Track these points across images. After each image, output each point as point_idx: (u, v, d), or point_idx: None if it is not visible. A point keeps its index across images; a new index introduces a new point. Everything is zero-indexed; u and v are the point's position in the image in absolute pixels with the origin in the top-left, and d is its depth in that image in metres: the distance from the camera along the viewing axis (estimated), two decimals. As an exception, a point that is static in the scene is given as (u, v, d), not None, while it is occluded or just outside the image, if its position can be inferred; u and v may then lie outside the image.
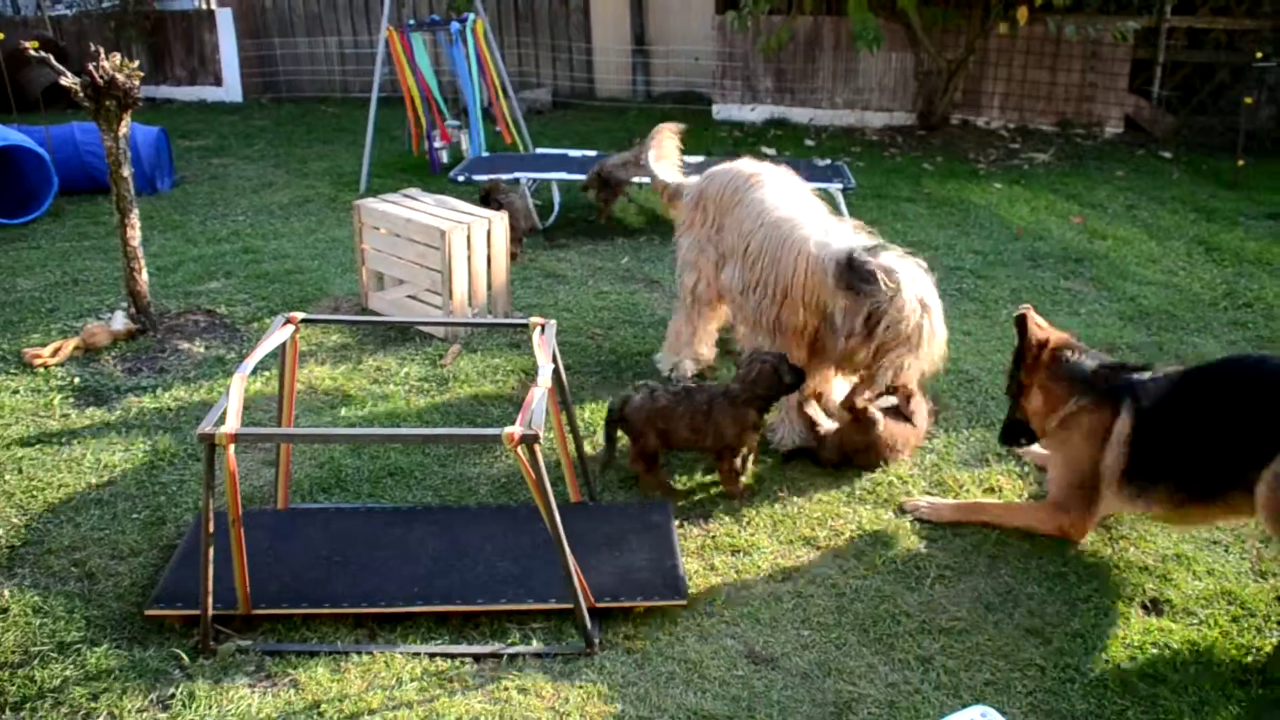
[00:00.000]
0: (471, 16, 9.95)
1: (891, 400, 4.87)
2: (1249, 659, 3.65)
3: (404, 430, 4.47)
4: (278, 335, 3.99)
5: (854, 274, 4.42)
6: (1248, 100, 10.79)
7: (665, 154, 6.19)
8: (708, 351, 5.78)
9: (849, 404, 4.73)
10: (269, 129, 12.47)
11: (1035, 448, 4.77)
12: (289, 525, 4.19)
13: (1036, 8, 10.52)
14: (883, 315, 4.38)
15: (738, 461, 4.58)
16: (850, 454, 4.78)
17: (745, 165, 5.36)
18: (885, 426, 4.73)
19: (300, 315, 4.15)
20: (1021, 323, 4.30)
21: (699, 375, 5.63)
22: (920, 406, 4.86)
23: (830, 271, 4.53)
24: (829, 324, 4.64)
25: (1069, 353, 4.24)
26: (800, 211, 4.93)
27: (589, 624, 3.61)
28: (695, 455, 4.84)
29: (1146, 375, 4.10)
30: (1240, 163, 10.52)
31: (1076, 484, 4.16)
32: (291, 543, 4.06)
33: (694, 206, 5.45)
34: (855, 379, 4.76)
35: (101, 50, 5.60)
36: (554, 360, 3.96)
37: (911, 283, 4.43)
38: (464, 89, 10.02)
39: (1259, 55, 11.16)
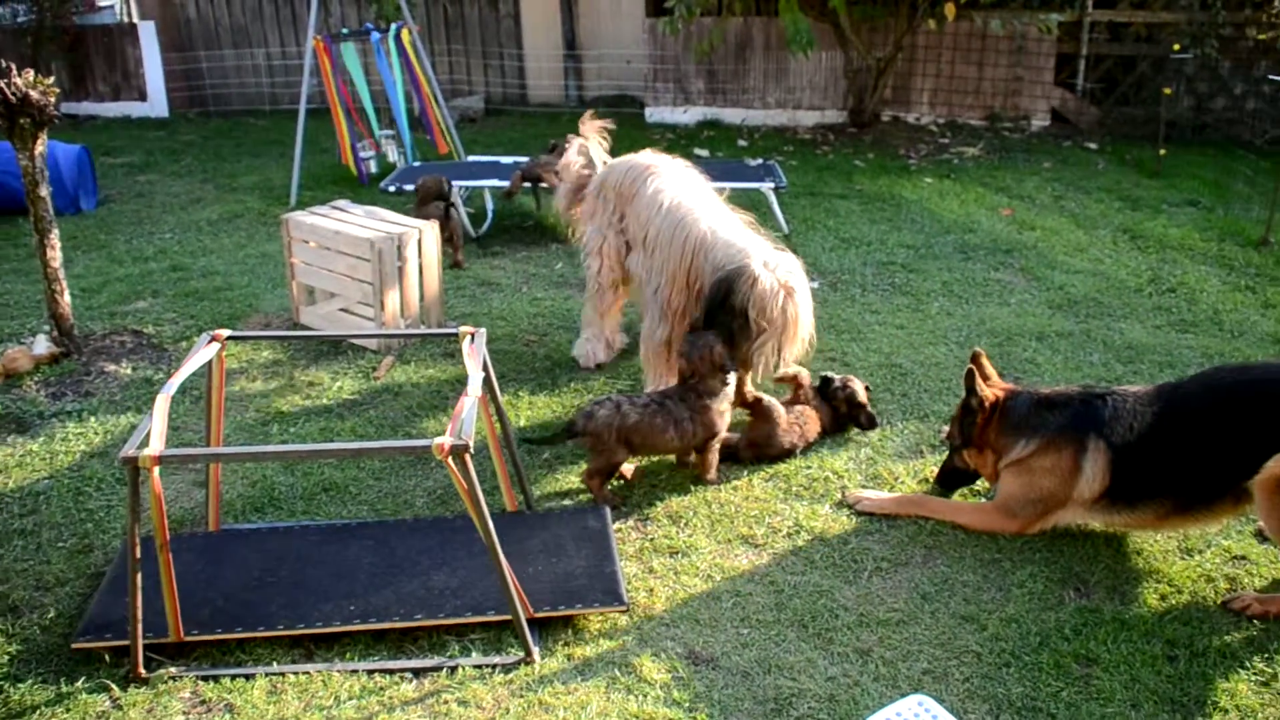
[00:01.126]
0: (395, 26, 9.88)
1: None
2: (1178, 635, 3.72)
3: (332, 445, 4.42)
4: (203, 354, 3.92)
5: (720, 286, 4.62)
6: (1167, 91, 11.02)
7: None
8: (615, 336, 5.97)
9: (740, 399, 4.83)
10: (196, 144, 12.29)
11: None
12: (221, 547, 4.13)
13: (962, 4, 10.66)
14: (748, 304, 4.53)
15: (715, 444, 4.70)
16: (762, 446, 4.84)
17: (644, 157, 5.51)
18: (783, 414, 4.85)
19: (226, 332, 4.09)
20: (970, 379, 4.34)
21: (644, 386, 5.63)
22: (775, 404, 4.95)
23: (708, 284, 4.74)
24: None
25: (1010, 401, 4.33)
26: (693, 201, 5.11)
27: (528, 634, 3.59)
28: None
29: (1099, 401, 4.17)
30: (1162, 152, 10.74)
31: (1033, 501, 4.22)
32: (224, 565, 4.00)
33: (596, 195, 5.61)
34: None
35: (14, 67, 5.48)
36: (485, 369, 3.94)
37: (774, 270, 4.59)
38: (390, 98, 9.92)
39: (1176, 48, 11.40)
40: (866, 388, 5.19)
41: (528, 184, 8.07)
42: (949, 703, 3.39)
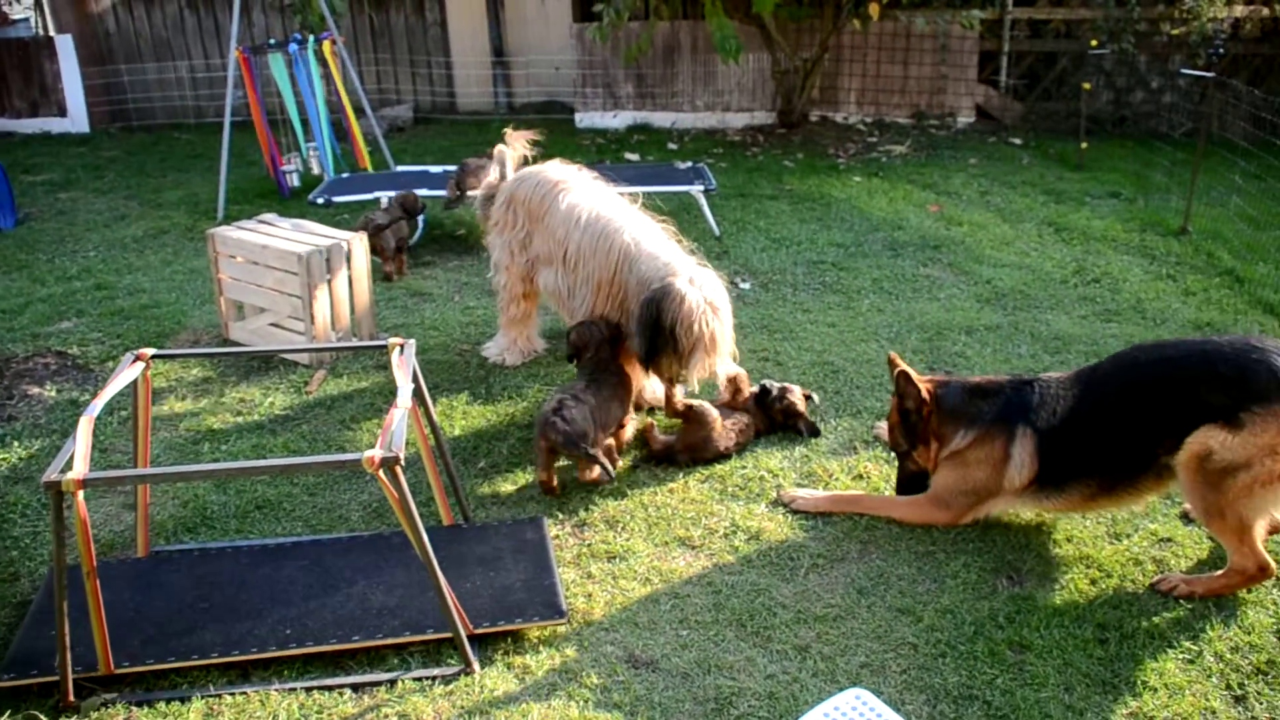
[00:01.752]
0: (315, 38, 9.78)
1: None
2: (1108, 618, 3.80)
3: (261, 462, 4.35)
4: (127, 374, 3.86)
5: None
6: (1087, 86, 11.25)
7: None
8: (528, 343, 6.04)
9: (672, 410, 4.91)
10: (119, 159, 12.06)
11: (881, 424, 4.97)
12: (151, 573, 4.06)
13: (886, 4, 10.79)
14: (677, 322, 4.62)
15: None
16: (698, 450, 4.87)
17: (552, 171, 5.53)
18: (717, 417, 4.90)
19: (150, 351, 4.02)
20: (904, 379, 4.39)
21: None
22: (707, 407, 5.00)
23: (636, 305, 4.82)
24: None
25: (941, 391, 4.39)
26: (612, 214, 5.15)
27: (468, 648, 3.57)
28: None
29: (1027, 388, 4.25)
30: (1084, 145, 10.96)
31: (966, 492, 4.28)
32: (154, 591, 3.93)
33: (505, 208, 5.63)
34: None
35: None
36: (415, 380, 3.91)
37: (700, 287, 4.70)
38: (308, 110, 9.80)
39: (1094, 43, 11.66)
40: (808, 396, 5.23)
41: (461, 192, 8.05)
42: (887, 695, 3.43)
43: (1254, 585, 3.92)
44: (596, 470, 4.55)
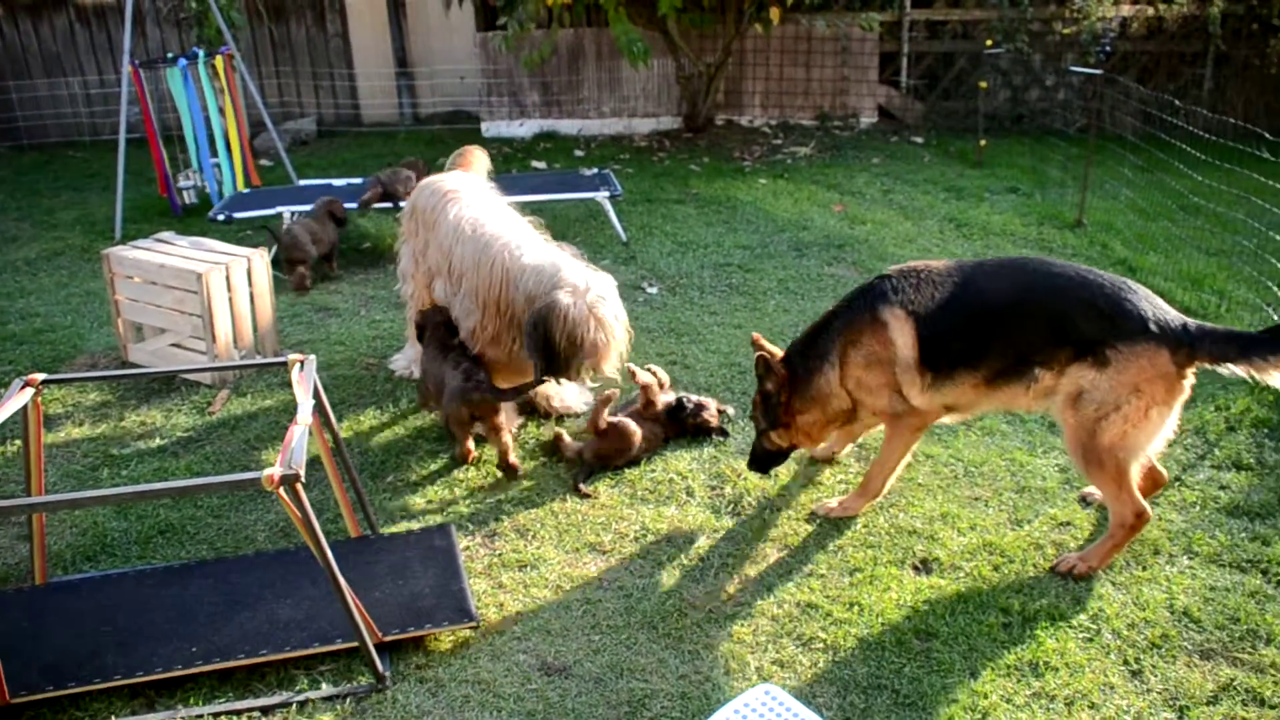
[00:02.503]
0: (208, 52, 9.60)
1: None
2: (1011, 603, 3.89)
3: (158, 485, 4.22)
4: (16, 400, 3.76)
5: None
6: (983, 85, 11.52)
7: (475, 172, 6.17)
8: None
9: (595, 427, 4.89)
10: (9, 179, 11.71)
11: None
12: (48, 601, 3.95)
13: (788, 7, 10.93)
14: (564, 337, 4.62)
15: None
16: (608, 459, 4.89)
17: (446, 181, 5.51)
18: (638, 434, 4.93)
19: (41, 376, 3.93)
20: (762, 365, 4.44)
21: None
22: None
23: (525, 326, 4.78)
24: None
25: (787, 363, 4.48)
26: (492, 229, 5.10)
27: (377, 660, 3.54)
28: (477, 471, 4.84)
29: (878, 282, 4.30)
30: (982, 143, 11.22)
31: (890, 389, 4.28)
32: (52, 619, 3.83)
33: (410, 218, 5.60)
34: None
35: None
36: (317, 395, 3.87)
37: (584, 294, 4.67)
38: (197, 125, 9.59)
39: (989, 43, 11.94)
40: (722, 410, 5.27)
41: (388, 202, 8.02)
42: (797, 689, 3.48)
43: (1135, 536, 4.06)
44: (513, 426, 4.82)
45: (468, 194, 5.36)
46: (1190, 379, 3.88)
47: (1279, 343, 3.74)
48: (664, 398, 5.18)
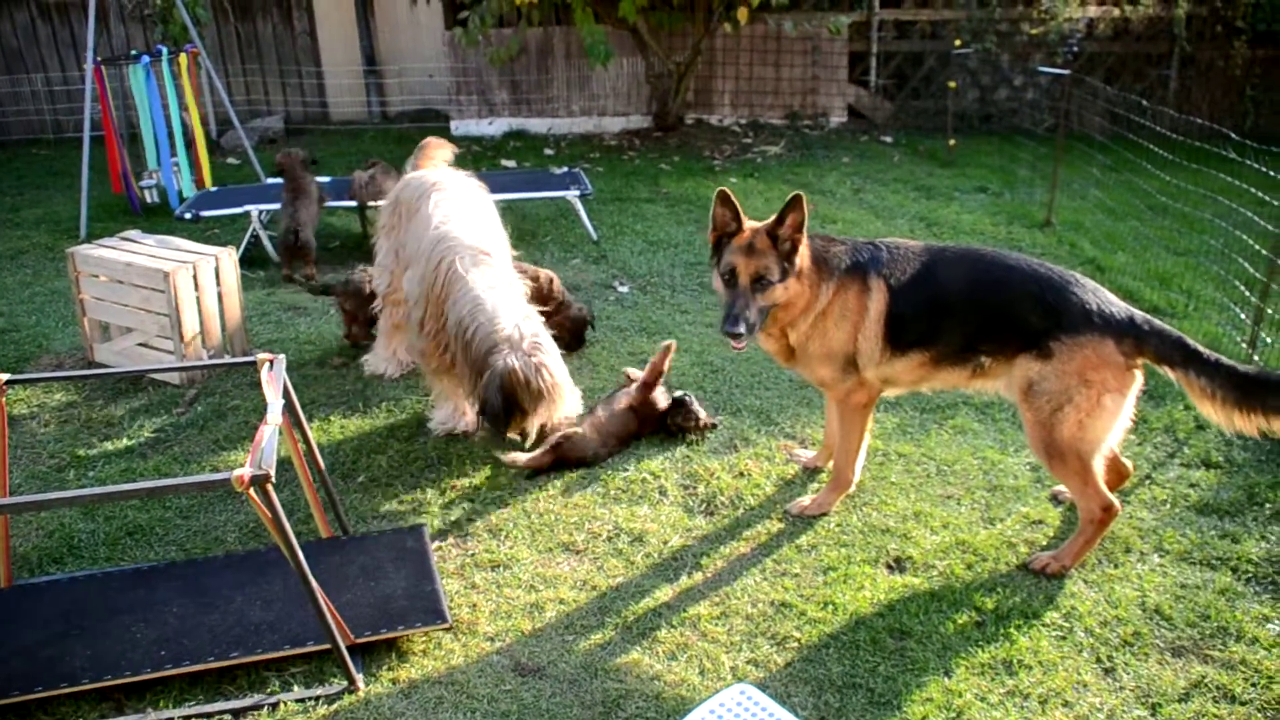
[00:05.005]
0: (172, 50, 9.50)
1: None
2: (985, 601, 3.90)
3: (125, 486, 4.17)
4: (-20, 401, 3.70)
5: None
6: (952, 85, 11.58)
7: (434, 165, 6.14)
8: (407, 354, 5.86)
9: (543, 464, 4.90)
10: (-29, 178, 11.57)
11: (800, 452, 4.99)
12: (13, 604, 3.89)
13: (755, 8, 10.95)
14: (519, 394, 4.62)
15: None
16: (568, 458, 4.93)
17: (430, 174, 5.49)
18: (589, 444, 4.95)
19: (5, 376, 3.87)
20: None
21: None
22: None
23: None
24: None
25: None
26: (458, 226, 5.05)
27: (349, 662, 3.51)
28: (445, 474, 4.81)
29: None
30: (952, 142, 11.29)
31: (844, 356, 4.28)
32: (18, 623, 3.77)
33: (391, 211, 5.56)
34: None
35: None
36: (287, 395, 3.83)
37: (524, 345, 4.67)
38: (157, 124, 9.49)
39: (958, 43, 12.01)
40: (712, 425, 5.24)
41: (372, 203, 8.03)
42: (772, 689, 3.48)
43: (1105, 530, 4.09)
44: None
45: (451, 188, 5.34)
46: (1139, 369, 3.92)
47: (1218, 369, 3.79)
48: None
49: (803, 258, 4.12)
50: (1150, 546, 4.25)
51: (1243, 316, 6.06)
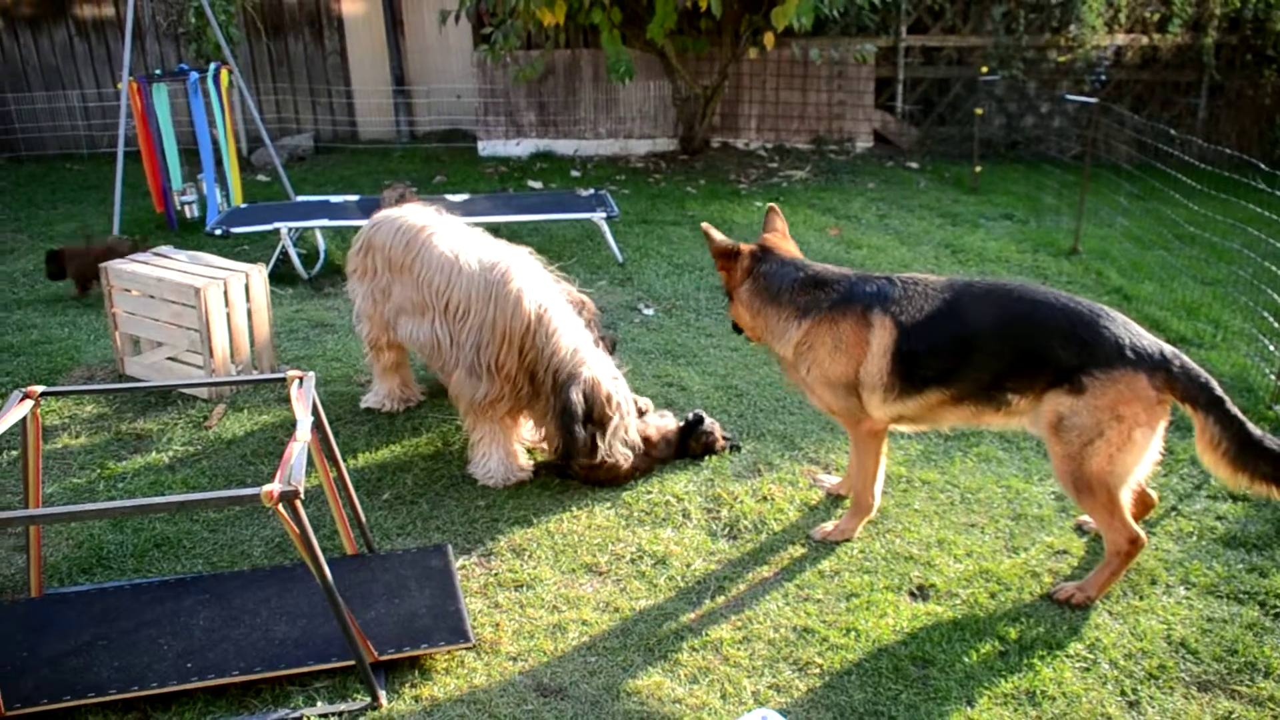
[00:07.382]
0: (214, 66, 9.64)
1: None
2: (1008, 630, 3.89)
3: (157, 500, 4.22)
4: (15, 412, 3.75)
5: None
6: (979, 111, 11.58)
7: None
8: (405, 389, 5.84)
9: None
10: (8, 191, 11.72)
11: (824, 477, 5.01)
12: (44, 613, 3.94)
13: (780, 34, 11.01)
14: (604, 408, 4.84)
15: None
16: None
17: (412, 216, 5.34)
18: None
19: (40, 389, 3.92)
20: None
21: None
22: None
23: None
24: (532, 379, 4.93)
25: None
26: (496, 258, 5.01)
27: (373, 679, 3.53)
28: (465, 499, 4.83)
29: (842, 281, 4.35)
30: (978, 169, 11.28)
31: (846, 388, 4.30)
32: (48, 632, 3.82)
33: (362, 254, 5.45)
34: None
35: None
36: (316, 412, 3.87)
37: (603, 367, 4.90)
38: (200, 140, 9.62)
39: (985, 70, 12.02)
40: (735, 447, 5.29)
41: None
42: (794, 715, 3.47)
43: (1131, 562, 4.07)
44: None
45: (442, 230, 5.22)
46: (1169, 403, 3.90)
47: (1232, 423, 3.79)
48: (662, 420, 5.23)
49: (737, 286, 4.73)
50: (1176, 579, 4.23)
51: (1271, 348, 6.03)
